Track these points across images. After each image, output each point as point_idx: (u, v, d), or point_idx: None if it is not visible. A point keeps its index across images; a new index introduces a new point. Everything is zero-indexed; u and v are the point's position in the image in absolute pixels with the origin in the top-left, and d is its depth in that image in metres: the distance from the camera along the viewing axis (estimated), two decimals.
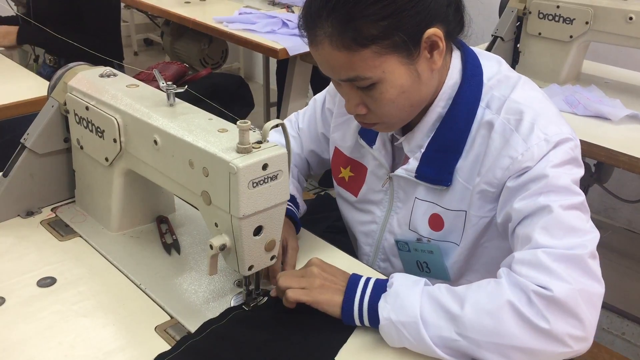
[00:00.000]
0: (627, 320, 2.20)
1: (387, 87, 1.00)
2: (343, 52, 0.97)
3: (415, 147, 1.12)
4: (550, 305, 0.87)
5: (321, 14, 0.97)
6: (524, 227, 0.97)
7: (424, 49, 0.99)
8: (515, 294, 0.89)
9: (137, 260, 1.17)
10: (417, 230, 1.16)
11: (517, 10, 2.15)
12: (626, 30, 1.95)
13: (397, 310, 0.94)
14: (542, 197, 0.96)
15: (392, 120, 1.08)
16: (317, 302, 0.99)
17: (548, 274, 0.89)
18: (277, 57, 2.44)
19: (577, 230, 0.94)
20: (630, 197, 2.55)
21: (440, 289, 0.95)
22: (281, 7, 2.94)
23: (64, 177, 1.33)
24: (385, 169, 1.19)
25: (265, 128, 0.92)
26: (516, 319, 0.88)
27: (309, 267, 1.04)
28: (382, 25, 0.95)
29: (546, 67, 2.15)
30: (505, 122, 1.03)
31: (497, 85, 1.08)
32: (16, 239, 1.23)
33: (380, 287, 0.99)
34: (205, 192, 0.96)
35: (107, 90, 1.16)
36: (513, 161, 1.00)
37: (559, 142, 0.99)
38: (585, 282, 0.90)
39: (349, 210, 1.31)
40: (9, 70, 2.17)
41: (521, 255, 0.93)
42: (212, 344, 0.96)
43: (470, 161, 1.07)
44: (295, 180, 1.33)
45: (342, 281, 1.01)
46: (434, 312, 0.92)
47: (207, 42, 3.22)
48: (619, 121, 1.85)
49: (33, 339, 0.97)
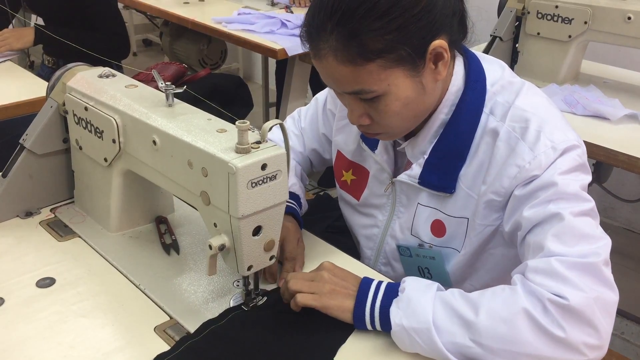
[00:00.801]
0: (627, 320, 2.21)
1: (392, 99, 0.99)
2: (348, 67, 0.96)
3: (418, 153, 1.12)
4: (565, 314, 0.86)
5: (325, 27, 0.95)
6: (535, 235, 0.96)
7: (429, 61, 0.98)
8: (530, 302, 0.88)
9: (136, 261, 1.17)
10: (419, 235, 1.16)
11: (515, 10, 2.15)
12: (625, 30, 1.95)
13: (409, 316, 0.93)
14: (552, 204, 0.95)
15: (395, 131, 1.07)
16: (327, 308, 0.98)
17: (563, 282, 0.88)
18: (276, 57, 2.44)
19: (589, 237, 0.93)
20: (630, 196, 2.55)
21: (453, 294, 0.94)
22: (280, 8, 2.94)
23: (63, 177, 1.33)
24: (387, 173, 1.19)
25: (264, 128, 0.92)
26: (532, 326, 0.87)
27: (320, 271, 1.03)
28: (387, 39, 0.94)
29: (545, 66, 2.15)
30: (511, 130, 1.02)
31: (501, 91, 1.07)
32: (15, 240, 1.23)
33: (392, 291, 0.98)
34: (204, 193, 0.96)
35: (106, 91, 1.16)
36: (520, 170, 0.99)
37: (566, 149, 0.99)
38: (600, 290, 0.89)
39: (351, 214, 1.31)
40: (8, 71, 2.17)
41: (534, 263, 0.92)
42: (211, 345, 0.96)
43: (473, 168, 1.06)
44: (298, 180, 1.32)
45: (353, 285, 1.00)
46: (447, 318, 0.91)
47: (206, 42, 3.22)
48: (617, 121, 1.85)
49: (32, 340, 0.97)
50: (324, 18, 0.96)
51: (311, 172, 1.45)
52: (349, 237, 1.35)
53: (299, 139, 1.38)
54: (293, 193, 1.25)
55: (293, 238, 1.15)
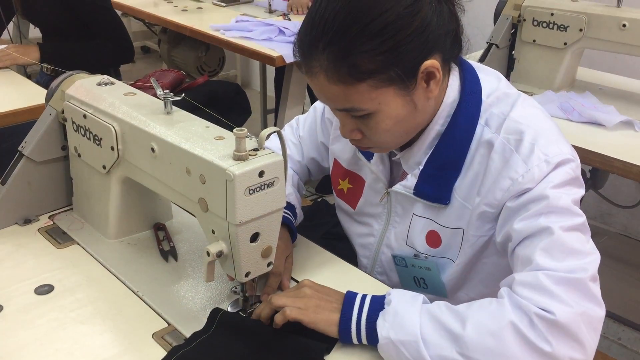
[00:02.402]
0: (623, 326, 2.21)
1: (383, 117, 1.00)
2: (339, 85, 0.96)
3: (413, 164, 1.12)
4: (552, 328, 0.86)
5: (317, 46, 0.95)
6: (524, 248, 0.96)
7: (420, 79, 0.98)
8: (517, 316, 0.88)
9: (134, 267, 1.18)
10: (414, 246, 1.16)
11: (511, 18, 2.16)
12: (620, 38, 1.96)
13: (396, 329, 0.92)
14: (542, 218, 0.95)
15: (386, 145, 1.08)
16: (314, 322, 0.97)
17: (550, 296, 0.88)
18: (273, 64, 2.45)
19: (578, 253, 0.93)
20: (626, 202, 2.56)
21: (440, 307, 0.93)
22: (278, 15, 2.95)
23: (62, 184, 1.34)
24: (382, 183, 1.19)
25: (262, 135, 0.93)
26: (518, 340, 0.86)
27: (301, 288, 1.02)
28: (379, 60, 0.93)
29: (541, 73, 2.16)
30: (505, 142, 1.02)
31: (497, 102, 1.07)
32: (14, 247, 1.23)
33: (377, 304, 0.97)
34: (202, 199, 0.97)
35: (104, 99, 1.17)
36: (513, 182, 0.99)
37: (559, 163, 0.98)
38: (586, 306, 0.89)
39: (347, 222, 1.31)
40: (7, 78, 2.17)
41: (522, 277, 0.92)
42: (204, 353, 0.95)
43: (469, 180, 1.07)
44: (295, 190, 1.32)
45: (337, 300, 1.00)
46: (434, 331, 0.90)
47: (204, 49, 3.22)
48: (613, 127, 1.86)
49: (31, 346, 0.98)
50: (317, 36, 0.95)
51: (309, 180, 1.46)
52: (346, 244, 1.35)
53: (297, 147, 1.39)
54: (289, 203, 1.25)
55: (281, 254, 1.14)
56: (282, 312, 0.98)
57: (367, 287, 1.12)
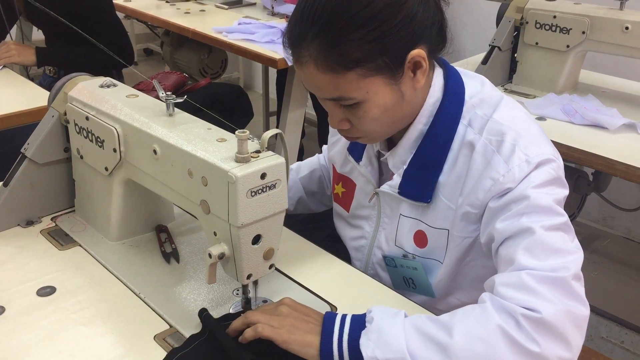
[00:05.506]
0: (626, 329, 2.20)
1: (371, 106, 1.01)
2: (328, 74, 0.98)
3: (398, 163, 1.13)
4: (539, 328, 0.85)
5: (307, 35, 0.98)
6: (506, 248, 0.96)
7: (407, 69, 1.01)
8: (503, 318, 0.87)
9: (136, 269, 1.18)
10: (402, 246, 1.17)
11: (514, 20, 2.16)
12: (622, 40, 1.96)
13: (381, 347, 0.88)
14: (524, 218, 0.96)
15: (374, 135, 1.09)
16: (287, 342, 0.92)
17: (534, 295, 0.88)
18: (276, 67, 2.46)
19: (560, 252, 0.93)
20: (629, 205, 2.55)
21: (422, 319, 0.91)
22: (280, 17, 2.96)
23: (64, 186, 1.34)
24: (372, 184, 1.20)
25: (264, 138, 0.93)
26: (507, 343, 0.85)
27: (279, 306, 0.98)
28: (367, 48, 0.96)
29: (543, 76, 2.16)
30: (487, 143, 1.04)
31: (480, 104, 1.08)
32: (16, 249, 1.23)
33: (358, 322, 0.93)
34: (204, 201, 0.97)
35: (107, 101, 1.17)
36: (495, 182, 1.00)
37: (540, 163, 0.99)
38: (570, 304, 0.88)
39: (342, 226, 1.32)
40: (9, 80, 2.18)
41: (504, 277, 0.92)
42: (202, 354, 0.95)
43: (453, 180, 1.07)
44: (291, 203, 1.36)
45: (315, 320, 0.95)
46: (421, 344, 0.87)
47: (206, 52, 3.23)
48: (616, 130, 1.85)
49: (33, 348, 0.98)
50: (306, 26, 0.98)
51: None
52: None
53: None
54: None
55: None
56: (254, 327, 0.93)
57: (367, 288, 1.13)
